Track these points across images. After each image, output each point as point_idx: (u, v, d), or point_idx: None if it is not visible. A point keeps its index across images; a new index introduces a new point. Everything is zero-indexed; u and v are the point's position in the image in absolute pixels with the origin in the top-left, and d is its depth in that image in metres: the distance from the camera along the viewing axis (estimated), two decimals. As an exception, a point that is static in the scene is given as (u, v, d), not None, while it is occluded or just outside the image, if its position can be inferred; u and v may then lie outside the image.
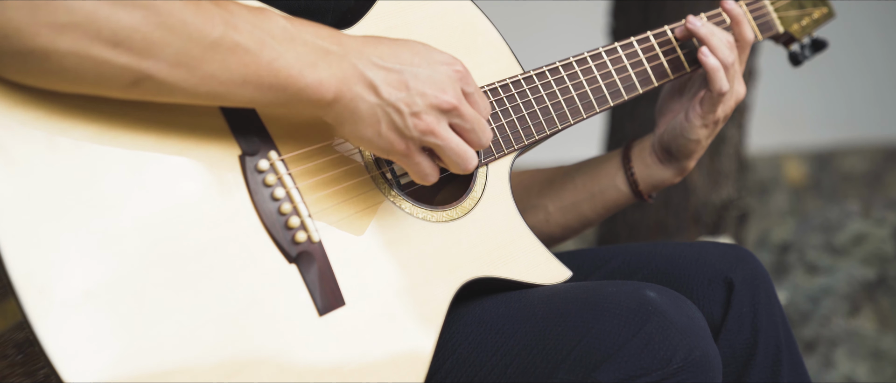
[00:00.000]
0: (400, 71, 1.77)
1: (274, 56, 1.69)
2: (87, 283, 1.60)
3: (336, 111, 1.75)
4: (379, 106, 1.76)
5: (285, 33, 1.71)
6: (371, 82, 1.75)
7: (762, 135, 5.34)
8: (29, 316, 1.55)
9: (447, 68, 1.81)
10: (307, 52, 1.72)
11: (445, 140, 1.80)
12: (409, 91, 1.77)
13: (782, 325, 2.09)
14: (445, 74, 1.80)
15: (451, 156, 1.81)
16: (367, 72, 1.75)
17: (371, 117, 1.76)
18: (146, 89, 1.66)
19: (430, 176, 1.83)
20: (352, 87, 1.74)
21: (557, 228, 2.33)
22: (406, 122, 1.77)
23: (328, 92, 1.73)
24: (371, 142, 1.78)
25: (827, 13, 2.50)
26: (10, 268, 1.56)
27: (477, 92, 1.83)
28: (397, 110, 1.77)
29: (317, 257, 1.77)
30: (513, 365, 1.85)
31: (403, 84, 1.77)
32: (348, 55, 1.75)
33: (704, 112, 2.21)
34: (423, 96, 1.78)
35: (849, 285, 3.79)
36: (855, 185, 6.49)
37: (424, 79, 1.78)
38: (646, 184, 2.28)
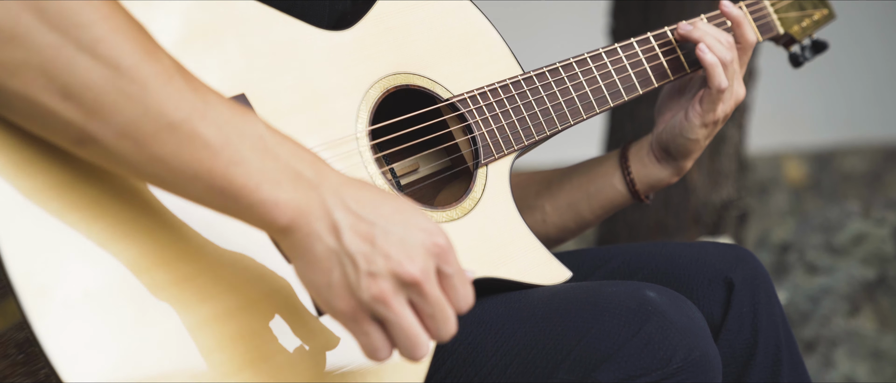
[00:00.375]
0: (371, 223, 1.56)
1: (235, 160, 1.53)
2: (87, 283, 1.60)
3: (290, 241, 1.56)
4: (336, 253, 1.55)
5: (259, 141, 1.55)
6: (335, 224, 1.55)
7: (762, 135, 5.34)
8: (28, 316, 1.55)
9: (425, 236, 1.57)
10: (276, 168, 1.55)
11: (397, 315, 1.56)
12: (373, 246, 1.55)
13: (782, 325, 2.09)
14: (420, 242, 1.57)
15: (400, 335, 1.57)
16: (334, 211, 1.55)
17: (325, 261, 1.56)
18: (92, 152, 1.53)
19: (379, 351, 1.58)
20: (311, 222, 1.55)
21: (555, 229, 2.32)
22: (359, 281, 1.55)
23: (282, 217, 1.55)
24: (318, 290, 1.57)
25: (827, 14, 2.50)
26: (10, 268, 1.56)
27: (458, 275, 1.58)
28: (354, 263, 1.55)
29: (316, 257, 1.77)
30: (513, 365, 1.85)
31: (370, 237, 1.55)
32: (321, 187, 1.56)
33: (704, 111, 2.21)
34: (386, 258, 1.55)
35: (849, 285, 3.79)
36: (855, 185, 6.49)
37: (395, 240, 1.56)
38: (643, 183, 2.28)
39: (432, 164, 2.09)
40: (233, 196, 1.54)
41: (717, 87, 2.17)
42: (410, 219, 1.58)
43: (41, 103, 1.49)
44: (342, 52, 1.92)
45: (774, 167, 6.42)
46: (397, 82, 1.96)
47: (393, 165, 1.96)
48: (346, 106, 1.90)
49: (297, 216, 1.55)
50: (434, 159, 2.09)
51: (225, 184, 1.53)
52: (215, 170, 1.52)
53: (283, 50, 1.86)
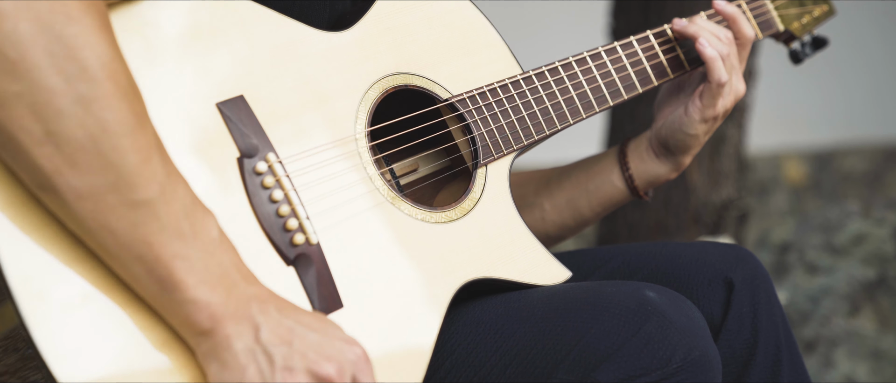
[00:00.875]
0: (291, 327, 1.61)
1: (182, 254, 1.56)
2: (85, 287, 1.60)
3: (207, 346, 1.59)
4: (252, 350, 1.59)
5: (209, 244, 1.58)
6: (256, 324, 1.60)
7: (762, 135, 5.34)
8: (26, 320, 1.55)
9: (343, 345, 1.64)
10: (216, 271, 1.58)
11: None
12: (291, 346, 1.60)
13: (782, 325, 2.09)
14: (338, 350, 1.63)
15: None
16: (257, 315, 1.60)
17: (242, 358, 1.59)
18: (49, 201, 1.54)
19: None
20: (231, 324, 1.59)
21: (554, 227, 2.32)
22: (274, 375, 1.59)
23: (207, 320, 1.58)
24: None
25: (827, 11, 2.50)
26: (8, 273, 1.56)
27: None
28: (270, 359, 1.59)
29: (315, 259, 1.77)
30: (512, 366, 1.85)
31: (288, 338, 1.61)
32: (252, 296, 1.61)
33: (704, 106, 2.20)
34: (303, 357, 1.60)
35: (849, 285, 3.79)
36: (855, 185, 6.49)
37: (312, 342, 1.62)
38: (641, 179, 2.28)
39: (432, 165, 2.09)
40: (169, 287, 1.57)
41: (717, 81, 2.17)
42: (331, 329, 1.64)
43: (19, 140, 1.50)
44: (341, 52, 1.92)
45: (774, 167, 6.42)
46: (396, 83, 1.96)
47: (392, 166, 1.96)
48: (346, 107, 1.90)
49: (222, 319, 1.58)
50: (433, 159, 2.09)
51: (165, 274, 1.56)
52: (161, 258, 1.55)
53: (282, 51, 1.85)
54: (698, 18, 2.23)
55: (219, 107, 1.77)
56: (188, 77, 1.75)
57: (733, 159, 3.79)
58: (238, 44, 1.81)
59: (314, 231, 1.78)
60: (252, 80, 1.81)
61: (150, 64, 1.72)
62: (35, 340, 1.55)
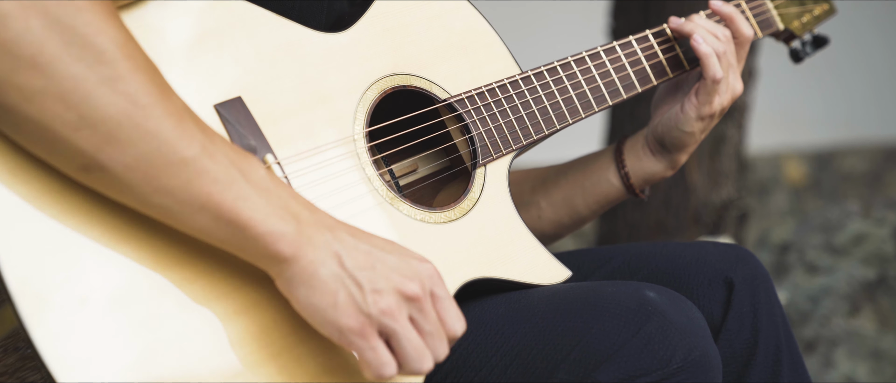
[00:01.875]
0: (368, 252, 1.67)
1: (242, 195, 1.61)
2: (84, 289, 1.60)
3: (291, 272, 1.64)
4: (340, 276, 1.64)
5: (262, 182, 1.64)
6: (336, 252, 1.65)
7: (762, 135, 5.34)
8: (25, 322, 1.55)
9: (418, 263, 1.69)
10: (278, 205, 1.63)
11: (404, 327, 1.66)
12: (374, 270, 1.66)
13: (782, 325, 2.09)
14: (415, 268, 1.68)
15: (408, 347, 1.66)
16: (334, 242, 1.65)
17: (330, 284, 1.64)
18: (96, 179, 1.59)
19: (386, 366, 1.66)
20: (315, 251, 1.64)
21: (550, 225, 2.32)
22: (365, 298, 1.64)
23: (287, 247, 1.63)
24: (324, 313, 1.64)
25: (828, 9, 2.50)
26: (7, 275, 1.56)
27: (449, 300, 1.70)
28: (358, 284, 1.65)
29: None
30: (513, 366, 1.85)
31: (370, 263, 1.66)
32: (319, 224, 1.66)
33: (700, 103, 2.20)
34: (387, 279, 1.66)
35: (849, 285, 3.79)
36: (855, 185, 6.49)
37: (392, 265, 1.67)
38: (638, 177, 2.28)
39: (431, 165, 2.09)
40: (239, 228, 1.61)
41: (712, 77, 2.17)
42: (402, 250, 1.69)
43: (54, 130, 1.54)
44: (339, 53, 1.92)
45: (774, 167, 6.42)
46: (395, 83, 1.96)
47: (391, 166, 1.96)
48: (344, 107, 1.90)
49: (301, 245, 1.63)
50: (433, 160, 2.09)
51: (232, 217, 1.61)
52: (224, 204, 1.60)
53: (281, 52, 1.85)
54: (696, 17, 2.23)
55: (216, 109, 1.76)
56: (186, 78, 1.75)
57: (733, 159, 3.79)
58: (236, 45, 1.81)
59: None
60: (250, 81, 1.81)
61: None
62: (34, 341, 1.55)
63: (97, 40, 1.55)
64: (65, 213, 1.61)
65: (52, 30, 1.53)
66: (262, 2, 1.85)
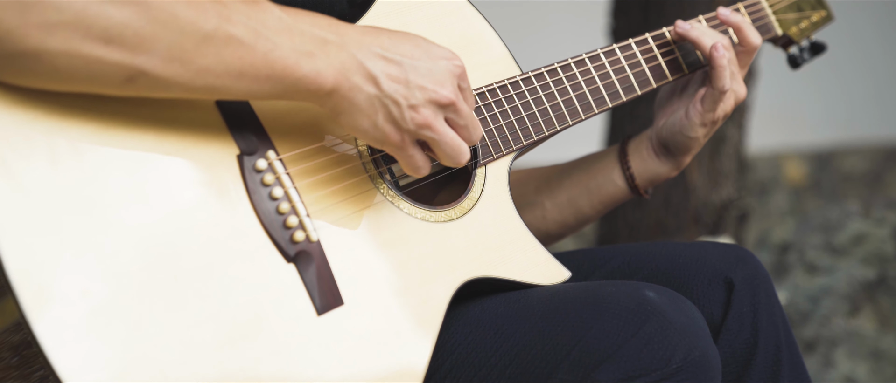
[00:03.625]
0: (400, 63, 1.77)
1: (270, 47, 1.69)
2: (85, 283, 1.60)
3: (334, 101, 1.75)
4: (377, 97, 1.76)
5: (281, 24, 1.70)
6: (370, 73, 1.75)
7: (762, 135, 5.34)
8: (28, 316, 1.55)
9: (447, 62, 1.81)
10: (304, 41, 1.72)
11: (441, 134, 1.81)
12: (408, 84, 1.77)
13: (782, 325, 2.09)
14: (445, 69, 1.81)
15: (446, 149, 1.82)
16: (366, 62, 1.75)
17: (369, 108, 1.76)
18: (141, 85, 1.65)
19: (422, 168, 1.84)
20: (350, 77, 1.74)
21: (554, 225, 2.33)
22: (403, 115, 1.78)
23: (326, 82, 1.73)
24: (366, 132, 1.78)
25: (825, 16, 2.51)
26: (10, 269, 1.56)
27: (469, 89, 1.85)
28: (395, 102, 1.77)
29: (315, 257, 1.77)
30: (512, 366, 1.85)
31: (403, 76, 1.77)
32: (347, 45, 1.75)
33: (704, 110, 2.21)
34: (422, 90, 1.78)
35: (849, 285, 3.79)
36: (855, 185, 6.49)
37: (424, 72, 1.79)
38: (642, 178, 2.29)
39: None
40: (278, 79, 1.71)
41: (721, 87, 2.18)
42: (429, 49, 1.81)
43: (85, 54, 1.60)
44: (341, 52, 1.92)
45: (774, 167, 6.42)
46: (396, 82, 1.96)
47: (392, 165, 1.96)
48: (345, 106, 1.90)
49: (337, 77, 1.74)
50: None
51: (269, 72, 1.70)
52: (257, 62, 1.68)
53: (282, 50, 1.85)
54: (697, 23, 2.23)
55: (218, 106, 1.77)
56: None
57: (733, 159, 3.79)
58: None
59: (314, 228, 1.78)
60: (252, 80, 1.81)
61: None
62: (37, 336, 1.55)
63: None
64: (68, 206, 1.61)
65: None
66: (265, 1, 1.85)
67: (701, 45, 2.20)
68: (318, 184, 1.83)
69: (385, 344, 1.80)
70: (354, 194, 1.86)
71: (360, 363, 1.77)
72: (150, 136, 1.70)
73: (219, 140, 1.75)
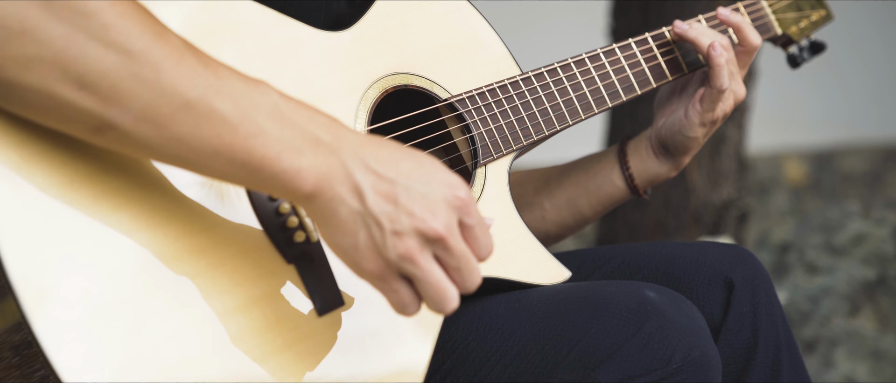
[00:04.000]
0: (393, 181, 1.58)
1: (253, 132, 1.54)
2: (86, 283, 1.60)
3: (314, 207, 1.58)
4: (360, 214, 1.57)
5: (275, 110, 1.56)
6: (357, 186, 1.57)
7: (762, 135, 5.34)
8: (28, 316, 1.55)
9: (446, 191, 1.59)
10: (294, 135, 1.56)
11: (425, 272, 1.58)
12: (396, 206, 1.57)
13: (782, 325, 2.09)
14: (441, 197, 1.59)
15: (428, 291, 1.59)
16: (355, 173, 1.57)
17: (350, 224, 1.58)
18: (110, 139, 1.55)
19: (409, 307, 1.61)
20: (334, 186, 1.57)
21: (554, 226, 2.33)
22: (385, 240, 1.57)
23: (305, 184, 1.56)
24: (346, 252, 1.59)
25: (825, 16, 2.51)
26: (10, 269, 1.56)
27: (480, 226, 1.61)
28: (379, 224, 1.57)
29: (316, 257, 1.77)
30: (512, 365, 1.85)
31: (392, 197, 1.57)
32: (341, 150, 1.57)
33: (704, 110, 2.21)
34: (410, 216, 1.57)
35: (849, 285, 3.79)
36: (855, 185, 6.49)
37: (417, 196, 1.58)
38: (641, 178, 2.29)
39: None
40: (255, 168, 1.55)
41: (719, 86, 2.18)
42: (430, 173, 1.59)
43: (57, 95, 1.50)
44: (340, 52, 1.92)
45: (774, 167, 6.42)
46: (396, 83, 1.96)
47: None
48: (345, 107, 1.90)
49: (319, 181, 1.56)
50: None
51: (246, 158, 1.54)
52: (235, 145, 1.54)
53: (282, 51, 1.85)
54: (696, 23, 2.24)
55: (218, 107, 1.76)
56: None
57: (733, 159, 3.79)
58: (236, 43, 1.81)
59: (315, 229, 1.78)
60: (252, 80, 1.81)
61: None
62: (37, 336, 1.55)
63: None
64: (68, 207, 1.61)
65: None
66: (263, 1, 1.85)
67: (699, 44, 2.20)
68: (318, 184, 1.82)
69: (385, 344, 1.80)
70: (354, 194, 1.86)
71: (360, 363, 1.77)
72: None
73: (219, 140, 1.75)
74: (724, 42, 2.19)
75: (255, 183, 1.57)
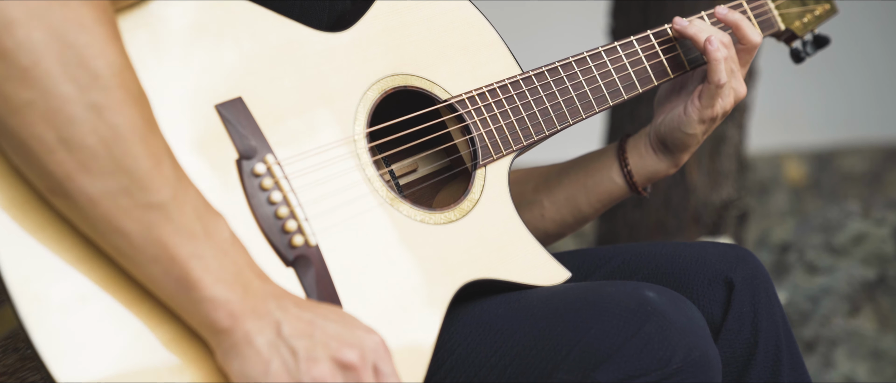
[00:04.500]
0: (310, 320, 1.64)
1: (198, 253, 1.58)
2: (82, 288, 1.60)
3: (227, 344, 1.61)
4: (276, 344, 1.62)
5: (223, 243, 1.61)
6: (275, 320, 1.62)
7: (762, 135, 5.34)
8: (25, 322, 1.55)
9: (363, 334, 1.67)
10: (232, 271, 1.61)
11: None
12: (312, 338, 1.63)
13: (782, 325, 2.09)
14: (358, 337, 1.66)
15: None
16: (276, 311, 1.63)
17: (264, 353, 1.61)
18: (62, 204, 1.56)
19: None
20: (253, 321, 1.61)
21: (553, 224, 2.33)
22: (299, 366, 1.62)
23: (225, 318, 1.60)
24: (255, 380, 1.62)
25: (829, 9, 2.49)
26: (7, 274, 1.56)
27: (394, 376, 1.68)
28: (293, 352, 1.62)
29: (314, 261, 1.77)
30: (512, 366, 1.85)
31: (309, 331, 1.63)
32: (269, 293, 1.63)
33: (702, 106, 2.21)
34: (325, 347, 1.63)
35: (849, 285, 3.79)
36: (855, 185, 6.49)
37: (333, 333, 1.65)
38: (640, 175, 2.29)
39: (431, 165, 2.09)
40: (187, 286, 1.58)
41: (717, 81, 2.18)
42: (349, 319, 1.67)
43: (32, 147, 1.51)
44: (340, 53, 1.92)
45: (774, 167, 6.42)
46: (395, 83, 1.96)
47: (392, 166, 1.96)
48: (345, 107, 1.90)
49: (240, 315, 1.60)
50: (433, 160, 2.09)
51: (182, 274, 1.58)
52: (177, 258, 1.57)
53: (282, 52, 1.85)
54: (697, 20, 2.23)
55: (217, 109, 1.76)
56: (187, 78, 1.75)
57: (733, 159, 3.79)
58: (237, 45, 1.81)
59: (313, 232, 1.78)
60: (251, 81, 1.81)
61: (149, 66, 1.72)
62: (34, 341, 1.55)
63: (95, 63, 1.53)
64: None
65: (52, 44, 1.51)
66: (264, 1, 1.85)
67: (697, 40, 2.20)
68: (317, 187, 1.82)
69: (385, 344, 1.80)
70: (353, 197, 1.86)
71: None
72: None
73: (217, 144, 1.75)
74: (723, 38, 2.19)
75: (177, 301, 1.60)
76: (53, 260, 1.59)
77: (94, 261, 1.61)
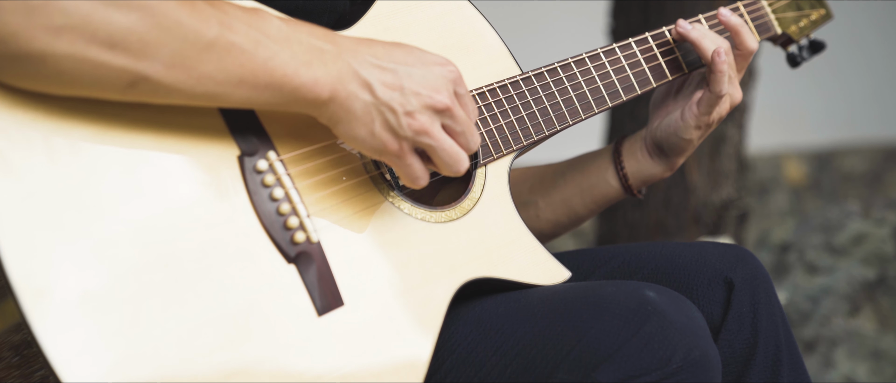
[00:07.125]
0: (394, 70, 1.78)
1: (269, 55, 1.70)
2: (85, 284, 1.60)
3: (331, 110, 1.76)
4: (374, 105, 1.76)
5: (280, 33, 1.72)
6: (366, 81, 1.76)
7: (762, 135, 5.34)
8: (28, 317, 1.56)
9: (441, 69, 1.81)
10: (302, 51, 1.73)
11: (439, 140, 1.80)
12: (403, 91, 1.77)
13: (782, 325, 2.09)
14: (439, 75, 1.81)
15: (444, 157, 1.81)
16: (361, 70, 1.76)
17: (365, 116, 1.76)
18: (143, 91, 1.66)
19: (420, 178, 1.82)
20: (347, 86, 1.75)
21: (548, 224, 2.33)
22: (400, 122, 1.77)
23: (323, 91, 1.74)
24: (364, 141, 1.78)
25: (825, 15, 2.50)
26: (10, 270, 1.56)
27: (467, 95, 1.84)
28: (392, 110, 1.77)
29: (315, 257, 1.77)
30: (512, 365, 1.85)
31: (398, 84, 1.77)
32: (343, 54, 1.75)
33: (700, 113, 2.21)
34: (417, 96, 1.78)
35: (849, 285, 3.79)
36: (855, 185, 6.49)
37: (419, 79, 1.79)
38: (636, 178, 2.29)
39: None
40: (277, 87, 1.72)
41: (718, 92, 2.19)
42: (422, 56, 1.82)
43: (90, 58, 1.61)
44: (341, 52, 1.91)
45: (774, 167, 6.42)
46: (396, 83, 1.96)
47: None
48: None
49: (335, 85, 1.75)
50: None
51: (267, 80, 1.71)
52: (256, 70, 1.70)
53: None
54: (699, 24, 2.23)
55: (220, 109, 1.77)
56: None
57: (733, 159, 3.80)
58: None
59: (315, 229, 1.78)
60: (252, 80, 1.81)
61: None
62: (37, 336, 1.56)
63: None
64: (68, 207, 1.61)
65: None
66: (264, 1, 1.85)
67: (701, 48, 2.20)
68: (318, 184, 1.83)
69: (385, 344, 1.80)
70: (355, 195, 1.86)
71: (360, 363, 1.77)
72: (149, 137, 1.70)
73: (219, 141, 1.75)
74: (727, 47, 2.20)
75: (279, 101, 1.73)
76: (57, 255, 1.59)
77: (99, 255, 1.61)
